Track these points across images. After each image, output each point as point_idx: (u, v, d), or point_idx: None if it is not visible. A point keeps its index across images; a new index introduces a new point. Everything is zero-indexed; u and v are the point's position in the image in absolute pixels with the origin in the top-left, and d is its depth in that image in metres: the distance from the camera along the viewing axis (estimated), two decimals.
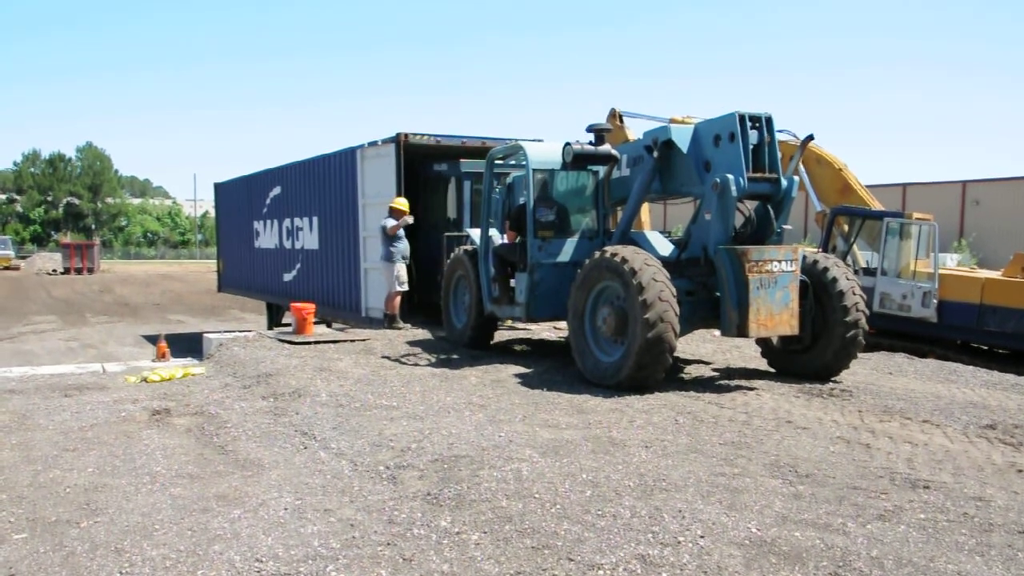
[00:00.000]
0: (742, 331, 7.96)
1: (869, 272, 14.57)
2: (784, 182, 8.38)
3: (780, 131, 13.91)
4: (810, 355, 8.73)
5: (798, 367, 8.86)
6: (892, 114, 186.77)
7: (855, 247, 15.02)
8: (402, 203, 12.51)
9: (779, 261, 7.99)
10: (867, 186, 15.26)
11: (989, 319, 13.00)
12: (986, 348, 13.57)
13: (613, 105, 16.16)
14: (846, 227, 14.91)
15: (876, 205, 15.00)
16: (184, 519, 4.61)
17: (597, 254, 8.45)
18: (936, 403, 7.71)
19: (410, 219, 12.60)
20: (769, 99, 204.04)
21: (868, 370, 9.75)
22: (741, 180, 8.07)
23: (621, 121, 15.94)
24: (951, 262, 23.49)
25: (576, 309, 8.61)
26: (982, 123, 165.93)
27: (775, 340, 9.05)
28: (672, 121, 13.55)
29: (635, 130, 14.71)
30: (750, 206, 8.69)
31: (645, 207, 14.97)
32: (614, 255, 8.11)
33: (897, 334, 14.03)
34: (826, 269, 8.52)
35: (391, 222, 12.33)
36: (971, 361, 12.03)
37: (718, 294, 8.24)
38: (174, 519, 4.61)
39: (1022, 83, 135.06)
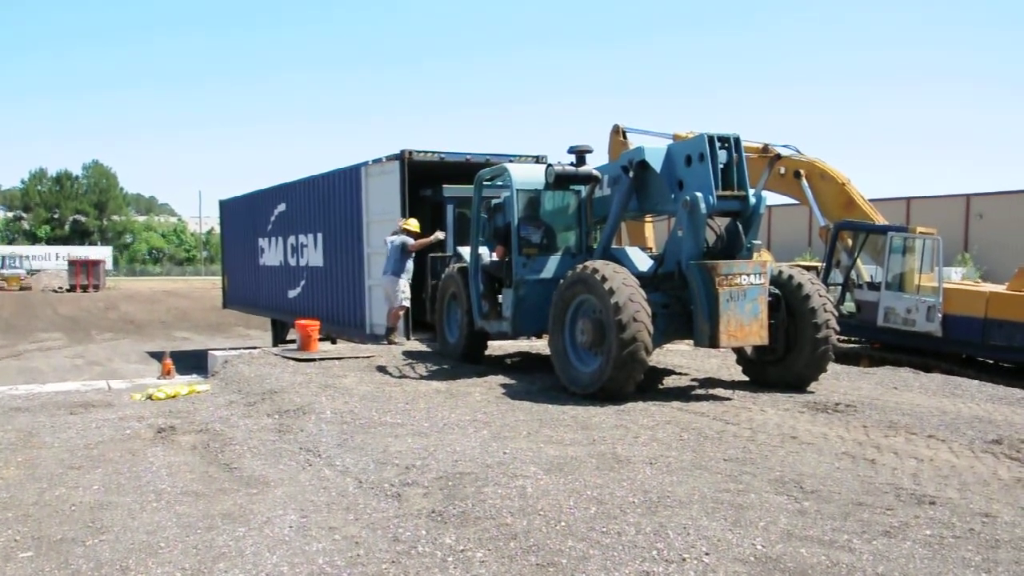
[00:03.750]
0: (713, 342, 8.29)
1: (873, 286, 14.55)
2: (752, 199, 8.69)
3: (784, 146, 14.06)
4: (783, 366, 9.07)
5: (771, 377, 9.19)
6: (895, 128, 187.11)
7: (859, 261, 15.01)
8: (414, 224, 12.61)
9: (748, 275, 8.34)
10: (871, 200, 15.27)
11: (994, 333, 12.96)
12: (991, 362, 13.52)
13: (617, 121, 16.24)
14: (850, 242, 14.91)
15: (880, 219, 15.00)
16: (189, 537, 4.62)
17: (578, 268, 8.76)
18: (941, 418, 7.69)
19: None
20: (773, 114, 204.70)
21: (873, 385, 9.73)
22: (710, 198, 8.40)
23: (624, 137, 16.01)
24: (955, 276, 23.46)
25: (556, 320, 8.93)
26: (986, 136, 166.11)
27: (749, 351, 9.35)
28: (675, 136, 13.61)
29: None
30: (721, 223, 8.99)
31: (648, 226, 15.05)
32: (594, 271, 8.40)
33: (902, 348, 14.00)
34: (800, 285, 8.83)
35: (411, 240, 12.40)
36: (976, 375, 11.97)
37: (692, 307, 8.50)
38: (179, 537, 4.62)
39: None
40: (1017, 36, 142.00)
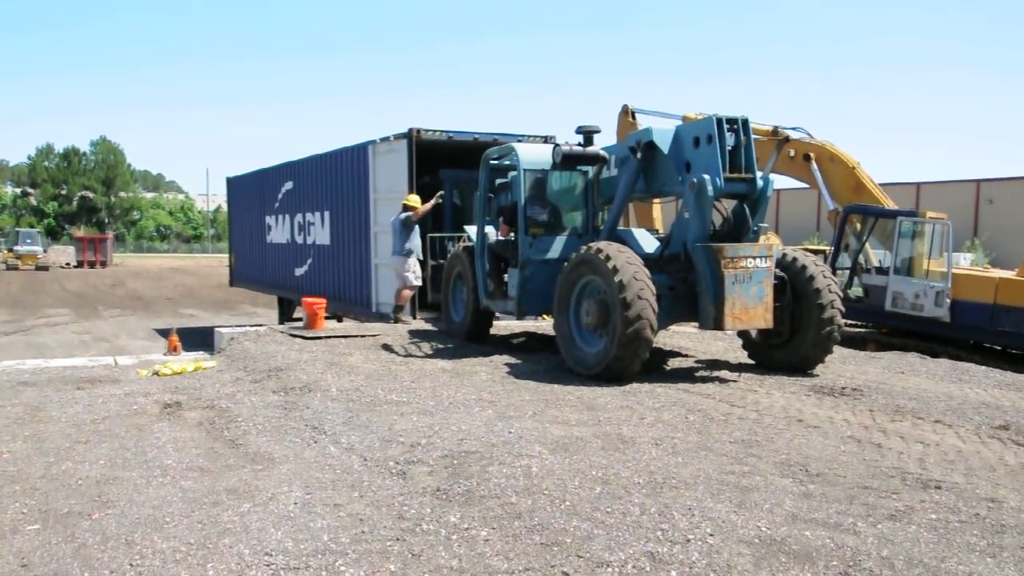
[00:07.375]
0: (718, 324, 8.30)
1: (882, 271, 14.49)
2: (760, 182, 8.66)
3: (794, 129, 13.96)
4: (788, 349, 9.06)
5: (776, 360, 9.19)
6: (906, 113, 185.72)
7: (868, 246, 14.94)
8: (415, 199, 12.54)
9: (753, 258, 8.32)
10: (880, 185, 15.18)
11: (1003, 319, 12.90)
12: (999, 348, 13.47)
13: (626, 102, 16.14)
14: (859, 226, 14.83)
15: (889, 204, 14.91)
16: (194, 512, 4.63)
17: (583, 249, 8.74)
18: (948, 403, 7.66)
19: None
20: (784, 98, 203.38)
21: (880, 369, 9.71)
22: (718, 180, 8.38)
23: (634, 118, 15.91)
24: (964, 261, 23.34)
25: (561, 301, 8.92)
26: (997, 122, 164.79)
27: (754, 334, 9.35)
28: (685, 118, 13.51)
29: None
30: (728, 205, 8.96)
31: (657, 208, 15.00)
32: (599, 252, 8.38)
33: (909, 333, 13.96)
34: (804, 267, 8.81)
35: (412, 214, 12.34)
36: (984, 361, 11.93)
37: (697, 289, 8.50)
38: (184, 512, 4.63)
39: None
40: None
